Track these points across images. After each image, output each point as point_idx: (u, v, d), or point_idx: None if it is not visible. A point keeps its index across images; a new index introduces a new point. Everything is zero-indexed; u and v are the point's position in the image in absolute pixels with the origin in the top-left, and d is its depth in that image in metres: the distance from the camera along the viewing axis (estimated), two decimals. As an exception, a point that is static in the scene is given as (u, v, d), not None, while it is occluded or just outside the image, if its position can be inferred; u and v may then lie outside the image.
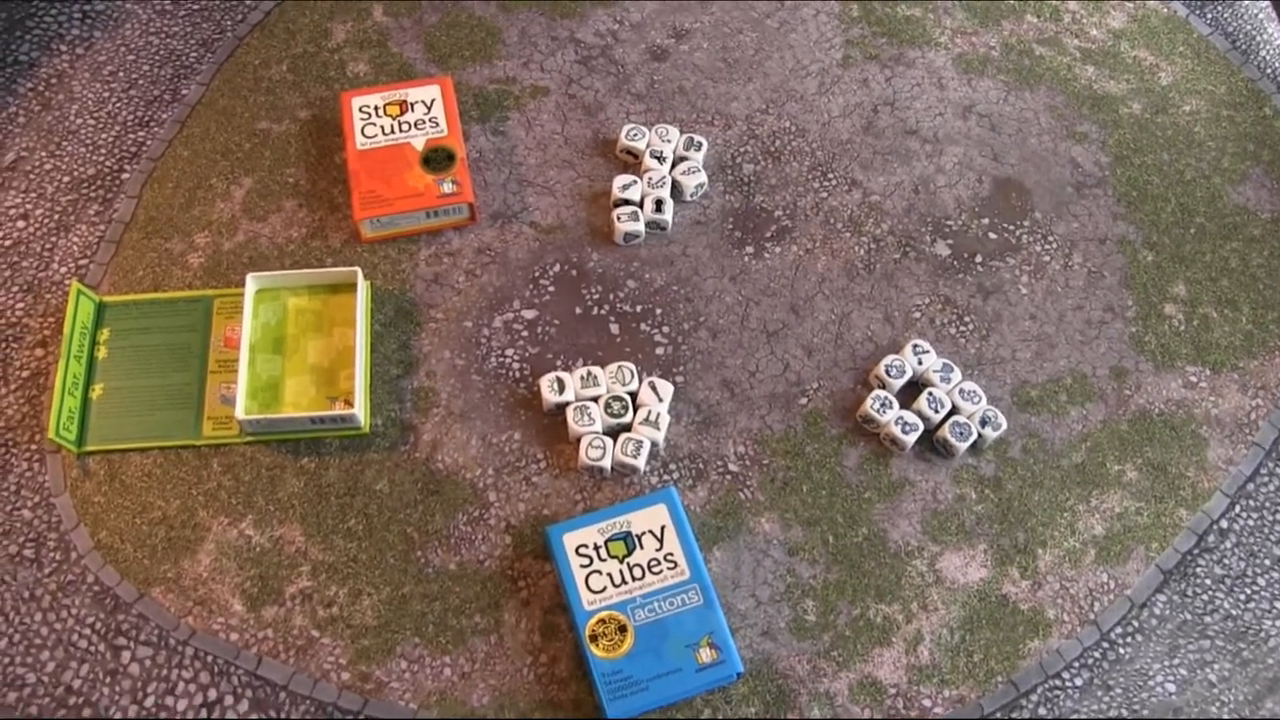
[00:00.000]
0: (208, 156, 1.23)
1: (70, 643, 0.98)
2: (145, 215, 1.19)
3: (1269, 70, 1.35)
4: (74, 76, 1.28)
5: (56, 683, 0.97)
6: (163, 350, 1.11)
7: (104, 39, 1.31)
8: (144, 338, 1.12)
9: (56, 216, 1.19)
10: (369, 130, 1.20)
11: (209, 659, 0.98)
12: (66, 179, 1.21)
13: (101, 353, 1.11)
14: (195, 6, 1.34)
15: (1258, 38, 1.38)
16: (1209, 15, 1.39)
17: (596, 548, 1.00)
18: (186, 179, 1.22)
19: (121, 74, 1.29)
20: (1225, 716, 0.99)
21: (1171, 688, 1.00)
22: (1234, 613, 1.04)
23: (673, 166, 1.23)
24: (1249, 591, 1.05)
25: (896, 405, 1.09)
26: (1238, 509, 1.09)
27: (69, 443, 1.05)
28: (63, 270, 1.16)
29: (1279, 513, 1.09)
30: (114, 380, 1.09)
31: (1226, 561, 1.06)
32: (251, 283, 1.12)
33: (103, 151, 1.23)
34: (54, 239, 1.18)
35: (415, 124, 1.20)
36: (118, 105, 1.26)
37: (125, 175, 1.22)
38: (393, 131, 1.20)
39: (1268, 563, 1.06)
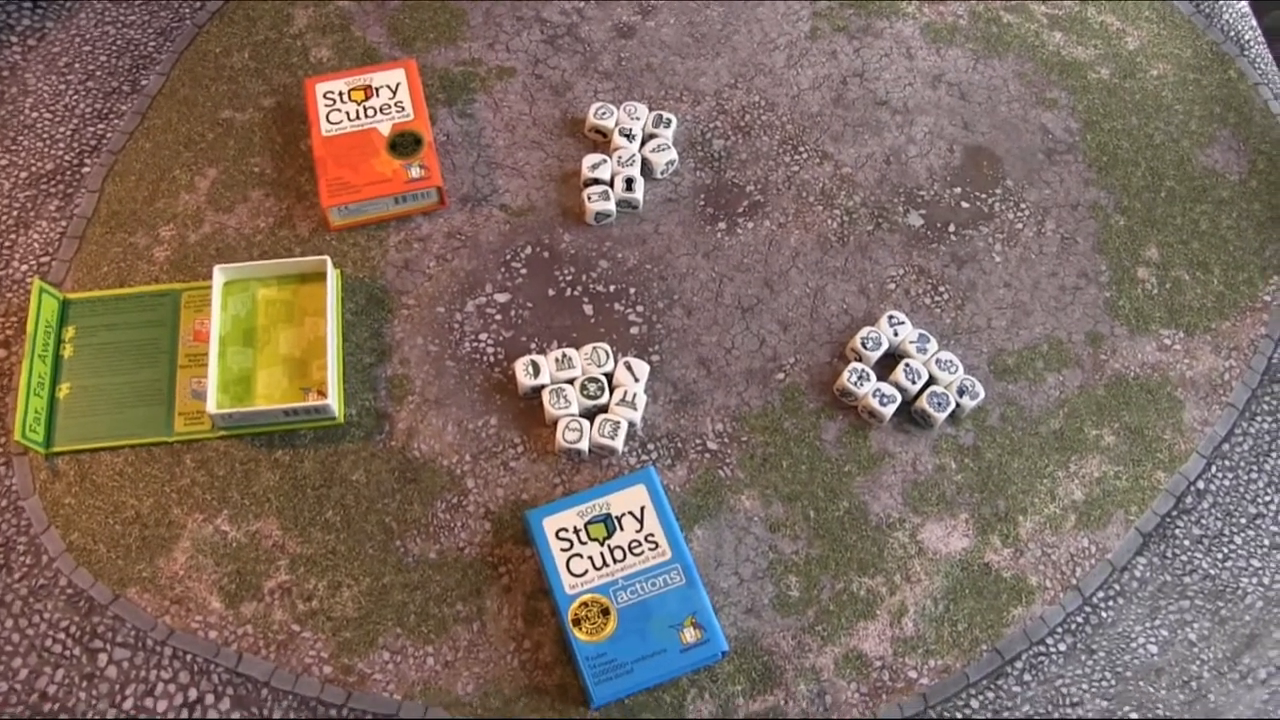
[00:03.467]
0: (170, 148, 1.21)
1: (44, 648, 0.97)
2: (108, 210, 1.17)
3: (1232, 33, 1.35)
4: (27, 69, 1.25)
5: (30, 689, 0.95)
6: (130, 346, 1.09)
7: (57, 29, 1.28)
8: (111, 334, 1.10)
9: (15, 213, 1.17)
10: (334, 116, 1.18)
11: (188, 658, 0.97)
12: (24, 175, 1.19)
13: (67, 351, 1.09)
14: (150, -5, 1.32)
15: (1220, 2, 1.38)
16: (1174, -22, 1.39)
17: (576, 531, 0.99)
18: (149, 171, 1.19)
19: (77, 65, 1.26)
20: (1205, 674, 1.00)
21: (1153, 649, 1.01)
22: (1212, 572, 1.05)
23: (642, 144, 1.22)
24: (1226, 550, 1.06)
25: (874, 377, 1.09)
26: (1214, 469, 1.09)
27: (36, 444, 1.03)
28: (24, 268, 1.14)
29: (1253, 472, 1.09)
30: (81, 379, 1.08)
31: (1204, 522, 1.07)
32: (219, 275, 1.10)
33: (61, 145, 1.21)
34: (13, 236, 1.15)
35: (381, 109, 1.19)
36: (75, 98, 1.24)
37: (85, 169, 1.19)
38: (358, 117, 1.18)
39: (1243, 521, 1.07)
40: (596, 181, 1.19)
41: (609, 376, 1.09)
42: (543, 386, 1.07)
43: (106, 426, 1.06)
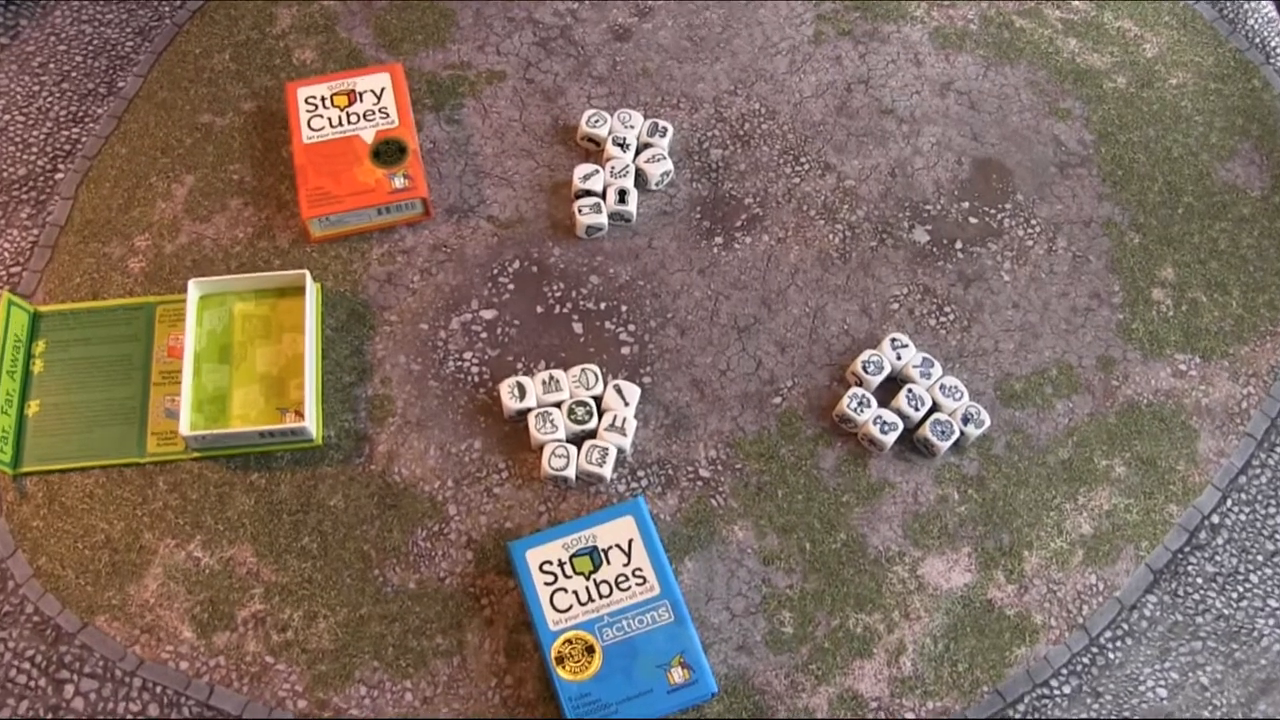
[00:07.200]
0: (147, 153, 1.18)
1: (8, 679, 0.94)
2: (81, 218, 1.14)
3: (1257, 40, 1.30)
4: None
5: (-5, 721, 0.92)
6: (103, 362, 1.06)
7: (31, 28, 1.25)
8: (83, 349, 1.07)
9: (-14, 221, 1.13)
10: (316, 122, 1.14)
11: (158, 690, 0.94)
12: (-4, 180, 1.16)
13: (37, 366, 1.06)
14: (130, -8, 1.28)
15: (1245, 5, 1.33)
16: (1195, -19, 1.34)
17: (561, 564, 0.95)
18: (125, 178, 1.16)
19: (52, 66, 1.22)
20: (1219, 721, 0.96)
21: (1163, 692, 0.97)
22: (1226, 612, 1.01)
23: (637, 154, 1.18)
24: (1241, 589, 1.02)
25: (875, 403, 1.04)
26: (1229, 503, 1.05)
27: (3, 464, 1.00)
28: (-6, 279, 1.11)
29: (1271, 506, 1.05)
30: (51, 396, 1.04)
31: (1218, 559, 1.03)
32: (195, 288, 1.07)
33: (34, 150, 1.17)
34: (-16, 245, 1.12)
35: (364, 115, 1.15)
36: (49, 100, 1.20)
37: (59, 175, 1.16)
38: (341, 123, 1.14)
39: (1260, 558, 1.03)
40: (588, 193, 1.15)
41: (598, 400, 1.05)
42: (529, 410, 1.03)
43: (77, 446, 1.03)
